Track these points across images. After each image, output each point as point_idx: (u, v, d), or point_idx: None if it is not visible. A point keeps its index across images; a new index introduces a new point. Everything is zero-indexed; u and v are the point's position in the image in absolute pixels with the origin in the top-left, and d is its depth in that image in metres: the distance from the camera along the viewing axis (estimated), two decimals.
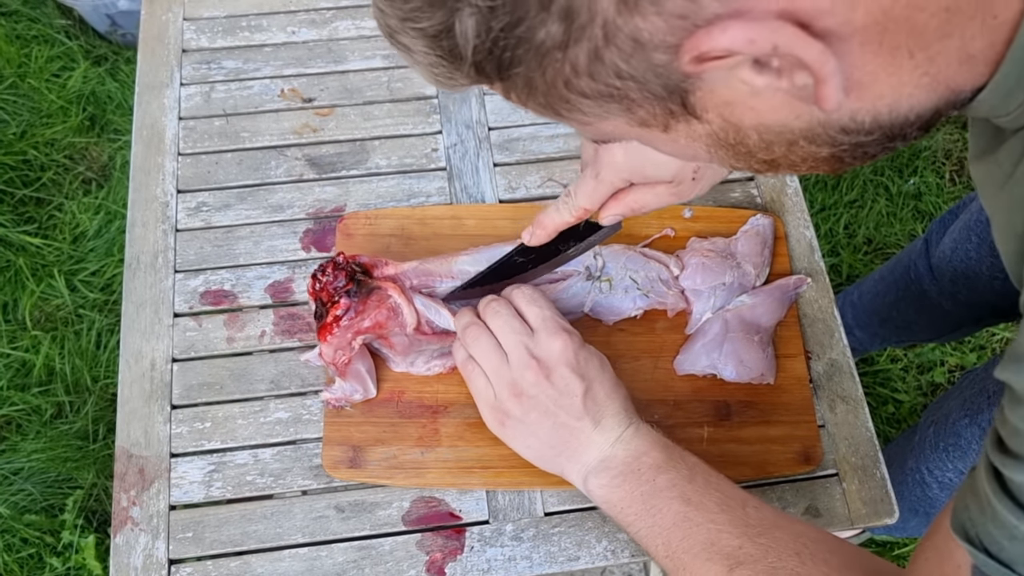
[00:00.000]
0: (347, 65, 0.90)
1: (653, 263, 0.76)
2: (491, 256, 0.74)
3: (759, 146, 0.40)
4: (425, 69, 0.40)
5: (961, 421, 0.92)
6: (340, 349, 0.68)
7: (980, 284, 1.02)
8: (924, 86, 0.36)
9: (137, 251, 0.81)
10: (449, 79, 0.39)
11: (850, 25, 0.33)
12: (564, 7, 0.33)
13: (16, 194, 1.60)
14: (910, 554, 1.37)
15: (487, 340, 0.67)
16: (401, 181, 0.84)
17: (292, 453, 0.73)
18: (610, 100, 0.38)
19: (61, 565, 1.32)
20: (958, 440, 0.92)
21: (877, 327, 1.28)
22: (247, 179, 0.84)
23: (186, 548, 0.69)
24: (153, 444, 0.73)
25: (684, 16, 0.32)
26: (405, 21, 0.37)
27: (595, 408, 0.65)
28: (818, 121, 0.38)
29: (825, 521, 0.71)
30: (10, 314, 1.50)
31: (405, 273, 0.72)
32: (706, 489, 0.61)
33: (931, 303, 1.14)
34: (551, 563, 0.69)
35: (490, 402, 0.67)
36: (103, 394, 1.45)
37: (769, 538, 0.57)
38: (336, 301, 0.68)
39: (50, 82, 1.70)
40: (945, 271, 1.08)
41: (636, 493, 0.62)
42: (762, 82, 0.34)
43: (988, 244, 0.98)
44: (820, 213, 1.64)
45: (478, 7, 0.34)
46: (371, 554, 0.69)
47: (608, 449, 0.64)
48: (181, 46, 0.91)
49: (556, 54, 0.35)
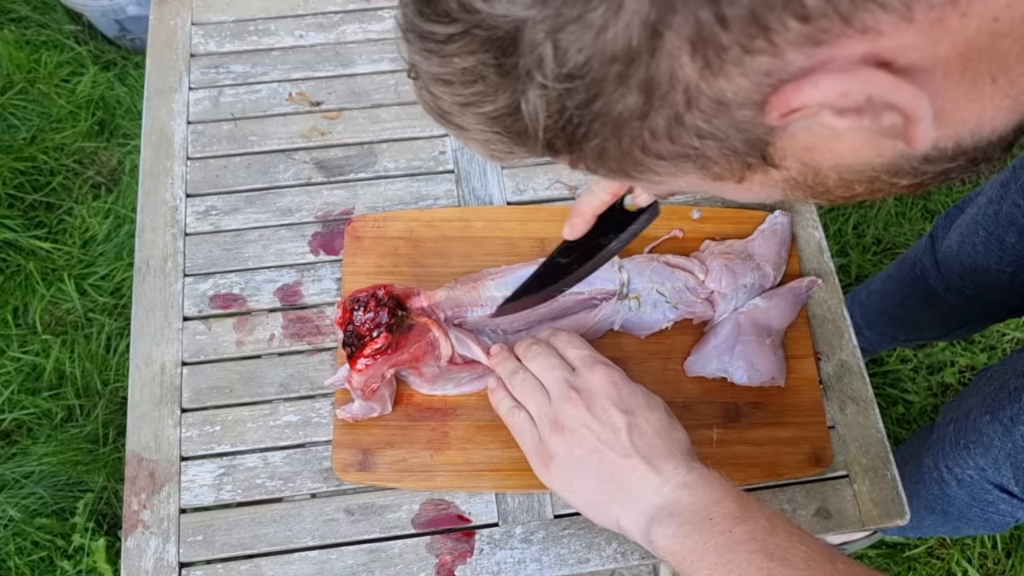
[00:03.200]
0: (355, 68, 0.91)
1: (678, 272, 0.75)
2: (517, 278, 0.72)
3: (838, 185, 0.39)
4: (481, 146, 0.38)
5: (983, 418, 0.91)
6: (371, 379, 0.68)
7: (988, 278, 1.01)
8: (1006, 108, 0.35)
9: (146, 255, 0.81)
10: (509, 154, 0.38)
11: (933, 58, 0.32)
12: (645, 79, 0.32)
13: (26, 199, 1.61)
14: (921, 555, 1.37)
15: (531, 382, 0.66)
16: (409, 184, 0.84)
17: (302, 456, 0.73)
18: (686, 160, 0.37)
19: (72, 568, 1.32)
20: (980, 437, 0.91)
21: (886, 326, 1.27)
22: (255, 183, 0.84)
23: (196, 551, 0.70)
24: (163, 447, 0.73)
25: (770, 73, 0.31)
26: (466, 107, 0.36)
27: (645, 446, 0.60)
28: (901, 155, 0.37)
29: (836, 523, 0.71)
30: (21, 318, 1.51)
31: (439, 305, 0.71)
32: (789, 542, 0.54)
33: (938, 300, 1.14)
34: (561, 566, 0.69)
35: (535, 445, 0.64)
36: (113, 397, 1.45)
37: None
38: (375, 336, 0.67)
39: (59, 87, 1.71)
40: (952, 266, 1.07)
41: (709, 545, 0.55)
42: (844, 124, 0.33)
43: (996, 237, 0.97)
44: (829, 213, 1.64)
45: (551, 88, 0.33)
46: (381, 557, 0.69)
47: (670, 493, 0.58)
48: (189, 51, 0.91)
49: (634, 124, 0.34)
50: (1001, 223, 0.96)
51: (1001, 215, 0.96)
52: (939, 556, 1.38)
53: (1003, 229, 0.96)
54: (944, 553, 1.38)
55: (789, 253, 0.79)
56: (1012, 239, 0.95)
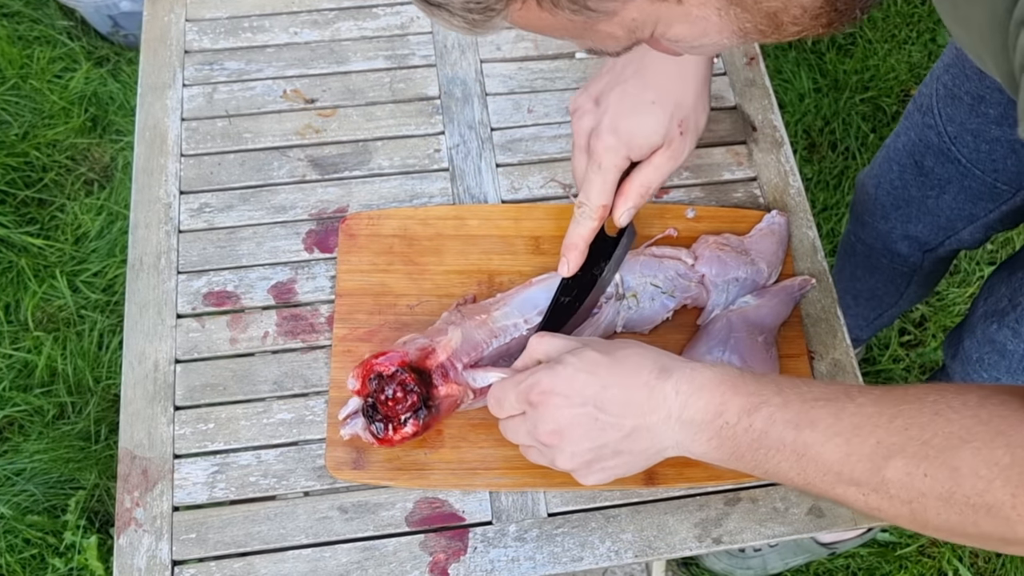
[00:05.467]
0: (349, 66, 0.90)
1: (667, 261, 0.76)
2: (522, 302, 0.73)
3: None
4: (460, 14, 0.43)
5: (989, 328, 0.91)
6: None
7: (912, 211, 1.04)
8: None
9: (140, 252, 0.81)
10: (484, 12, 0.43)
11: None
12: None
13: (18, 195, 1.60)
14: (913, 554, 1.37)
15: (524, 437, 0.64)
16: (404, 182, 0.84)
17: (295, 454, 0.73)
18: None
19: (63, 566, 1.32)
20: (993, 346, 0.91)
21: (852, 307, 1.30)
22: (250, 180, 0.84)
23: (189, 549, 0.69)
24: (156, 445, 0.73)
25: None
26: None
27: (624, 412, 0.59)
28: None
29: (828, 521, 0.71)
30: (12, 315, 1.50)
31: (456, 354, 0.69)
32: (805, 406, 0.55)
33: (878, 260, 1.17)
34: (554, 564, 0.69)
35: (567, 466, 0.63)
36: (105, 395, 1.45)
37: (900, 417, 0.52)
38: (404, 423, 0.67)
39: (52, 83, 1.71)
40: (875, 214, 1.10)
41: (743, 447, 0.56)
42: None
43: (913, 164, 0.99)
44: (822, 213, 1.64)
45: None
46: (374, 555, 0.69)
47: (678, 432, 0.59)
48: (183, 47, 0.91)
49: None
50: (916, 150, 0.98)
51: (912, 143, 0.98)
52: (930, 555, 1.39)
53: (919, 154, 0.98)
54: (935, 552, 1.39)
55: (786, 253, 0.79)
56: (930, 162, 0.97)
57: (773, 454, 0.55)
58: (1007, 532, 0.49)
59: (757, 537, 0.70)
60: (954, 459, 0.49)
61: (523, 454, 0.66)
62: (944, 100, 0.91)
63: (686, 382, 0.58)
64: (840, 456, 0.53)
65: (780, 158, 0.86)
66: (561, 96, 0.89)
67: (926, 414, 0.51)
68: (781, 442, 0.55)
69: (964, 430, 0.49)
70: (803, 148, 1.73)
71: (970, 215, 0.99)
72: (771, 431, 0.55)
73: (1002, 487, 0.47)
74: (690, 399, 0.58)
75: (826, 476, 0.54)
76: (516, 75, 0.90)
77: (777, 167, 0.86)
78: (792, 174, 0.85)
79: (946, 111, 0.91)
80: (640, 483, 0.71)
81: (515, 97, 0.89)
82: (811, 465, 0.54)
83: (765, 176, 0.85)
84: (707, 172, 0.85)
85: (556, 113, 0.88)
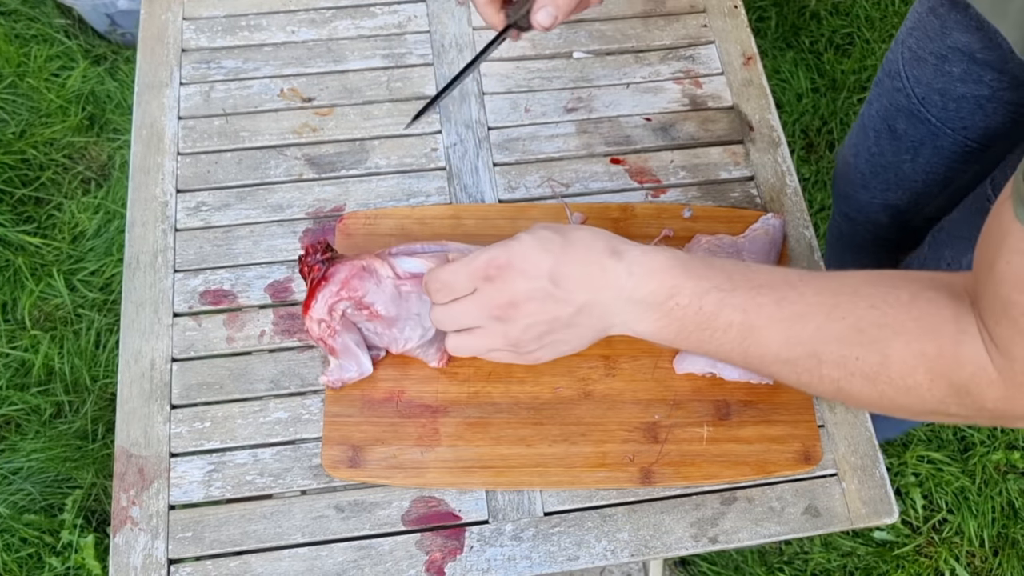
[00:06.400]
0: (347, 65, 0.90)
1: None
2: None
3: None
4: None
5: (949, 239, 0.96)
6: (322, 321, 0.69)
7: (889, 175, 1.07)
8: None
9: (136, 251, 0.81)
10: None
11: None
12: None
13: (15, 193, 1.60)
14: (910, 554, 1.38)
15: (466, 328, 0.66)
16: (401, 181, 0.84)
17: (292, 453, 0.73)
18: None
19: (60, 565, 1.32)
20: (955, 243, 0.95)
21: None
22: (247, 179, 0.84)
23: (186, 548, 0.69)
24: (153, 444, 0.73)
25: None
26: None
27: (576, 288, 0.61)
28: None
29: (824, 521, 0.71)
30: (9, 314, 1.50)
31: (389, 247, 0.72)
32: (750, 292, 0.60)
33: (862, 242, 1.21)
34: (551, 563, 0.69)
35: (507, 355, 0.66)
36: (102, 394, 1.45)
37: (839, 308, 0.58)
38: (315, 276, 0.70)
39: (49, 81, 1.70)
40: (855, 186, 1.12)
41: (689, 327, 0.61)
42: None
43: (886, 129, 1.02)
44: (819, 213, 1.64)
45: None
46: (371, 554, 0.69)
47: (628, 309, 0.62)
48: (181, 45, 0.91)
49: None
50: (888, 115, 1.01)
51: (884, 108, 1.01)
52: (927, 554, 1.39)
53: (891, 119, 1.01)
54: (932, 552, 1.39)
55: (779, 255, 0.79)
56: (902, 125, 1.00)
57: (719, 335, 0.60)
58: (917, 405, 0.57)
59: (753, 537, 0.70)
60: (886, 348, 0.56)
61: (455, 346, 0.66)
62: (910, 63, 0.94)
63: (638, 264, 0.61)
64: (781, 339, 0.59)
65: (777, 158, 0.86)
66: (558, 96, 0.89)
67: (862, 307, 0.57)
68: (728, 324, 0.60)
69: (897, 323, 0.56)
70: (800, 148, 1.73)
71: (945, 178, 1.03)
72: (720, 314, 0.60)
73: (924, 373, 0.55)
74: (643, 280, 0.61)
75: (765, 356, 0.60)
76: (513, 74, 0.90)
77: (774, 167, 0.86)
78: (789, 174, 0.85)
79: (913, 73, 0.94)
80: (636, 483, 0.71)
81: (512, 96, 0.89)
82: (753, 346, 0.60)
83: (762, 176, 0.85)
84: (704, 171, 0.85)
85: (553, 112, 0.88)
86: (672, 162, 0.86)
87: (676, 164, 0.86)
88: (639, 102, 0.89)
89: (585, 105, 0.89)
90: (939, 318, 0.55)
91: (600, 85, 0.90)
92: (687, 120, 0.88)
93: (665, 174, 0.85)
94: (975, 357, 0.53)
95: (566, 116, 0.88)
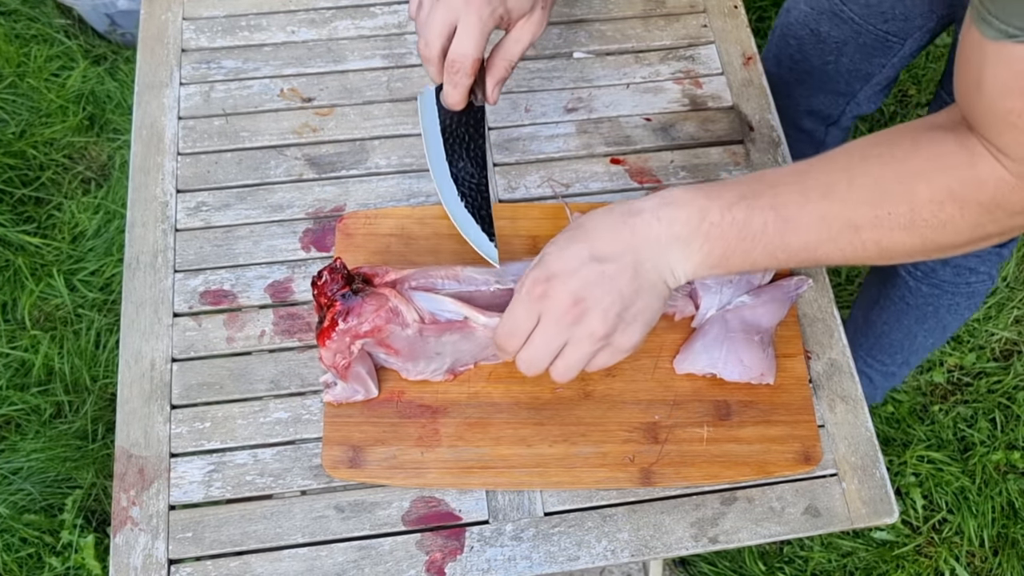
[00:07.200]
0: (347, 65, 0.90)
1: None
2: (504, 268, 0.72)
3: None
4: None
5: None
6: (339, 353, 0.68)
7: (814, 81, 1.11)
8: None
9: (137, 251, 0.81)
10: None
11: None
12: None
13: (15, 193, 1.60)
14: (910, 554, 1.38)
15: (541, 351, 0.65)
16: (401, 181, 0.84)
17: (292, 453, 0.73)
18: None
19: (60, 565, 1.32)
20: None
21: None
22: (247, 179, 0.84)
23: (186, 548, 0.69)
24: (153, 444, 0.73)
25: None
26: None
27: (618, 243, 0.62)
28: None
29: (825, 520, 0.71)
30: (9, 314, 1.50)
31: (406, 277, 0.70)
32: (771, 189, 0.61)
33: None
34: (551, 563, 0.69)
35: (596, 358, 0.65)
36: (102, 394, 1.45)
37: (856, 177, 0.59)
38: (332, 305, 0.67)
39: (49, 81, 1.70)
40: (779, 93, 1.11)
41: (732, 241, 0.62)
42: None
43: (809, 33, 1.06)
44: None
45: None
46: (371, 554, 0.69)
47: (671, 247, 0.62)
48: (180, 46, 0.91)
49: None
50: (810, 20, 1.05)
51: (805, 14, 1.05)
52: (927, 554, 1.39)
53: (814, 22, 1.04)
54: (932, 551, 1.39)
55: None
56: (825, 27, 1.04)
57: (760, 238, 0.61)
58: (957, 238, 0.59)
59: (753, 537, 0.70)
60: (911, 195, 0.58)
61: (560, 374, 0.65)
62: None
63: (659, 208, 0.63)
64: (816, 222, 0.60)
65: (777, 158, 0.86)
66: (558, 96, 0.89)
67: (874, 167, 0.59)
68: (764, 224, 0.61)
69: (912, 169, 0.58)
70: None
71: (866, 74, 1.07)
72: (752, 219, 0.61)
73: (952, 204, 0.57)
74: (672, 218, 0.62)
75: (808, 242, 0.61)
76: (513, 74, 0.90)
77: (774, 167, 0.86)
78: None
79: None
80: (636, 483, 0.71)
81: (512, 96, 0.89)
82: (792, 238, 0.61)
83: None
84: (704, 172, 0.85)
85: (553, 112, 0.88)
86: (672, 162, 0.86)
87: (676, 164, 0.86)
88: (639, 102, 0.89)
89: (585, 105, 0.89)
90: (946, 150, 0.57)
91: (600, 85, 0.90)
92: (687, 120, 0.88)
93: (665, 174, 0.85)
94: (992, 172, 0.55)
95: (566, 116, 0.88)
